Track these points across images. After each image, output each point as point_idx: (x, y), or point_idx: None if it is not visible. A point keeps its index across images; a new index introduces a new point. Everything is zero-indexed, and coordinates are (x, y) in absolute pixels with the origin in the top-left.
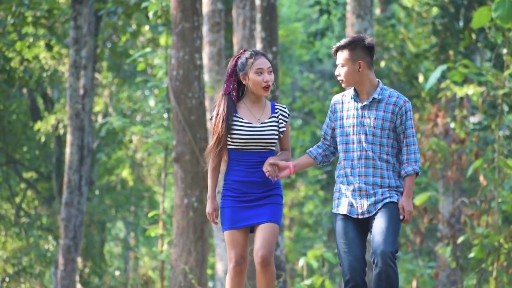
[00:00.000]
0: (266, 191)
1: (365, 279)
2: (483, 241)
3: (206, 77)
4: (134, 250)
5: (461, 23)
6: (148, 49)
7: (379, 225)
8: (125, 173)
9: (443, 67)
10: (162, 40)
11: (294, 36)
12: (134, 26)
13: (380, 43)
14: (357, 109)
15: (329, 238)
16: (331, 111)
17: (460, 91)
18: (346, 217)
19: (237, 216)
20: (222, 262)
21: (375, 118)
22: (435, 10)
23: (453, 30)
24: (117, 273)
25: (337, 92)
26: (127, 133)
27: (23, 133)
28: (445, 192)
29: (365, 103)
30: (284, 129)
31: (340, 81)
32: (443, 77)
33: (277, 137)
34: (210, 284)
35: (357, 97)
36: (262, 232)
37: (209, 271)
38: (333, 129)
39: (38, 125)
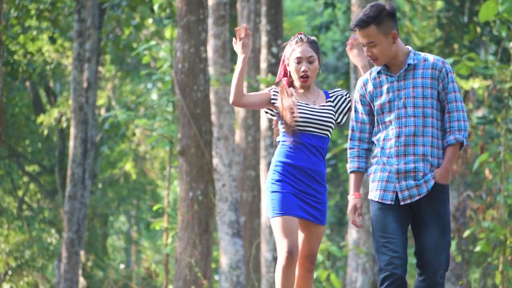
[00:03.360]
0: (319, 188)
1: (405, 276)
2: (489, 235)
3: (211, 70)
4: (138, 243)
5: (466, 17)
6: (153, 42)
7: (430, 236)
8: (128, 166)
9: (450, 60)
10: (167, 33)
11: (298, 30)
12: (137, 19)
13: None
14: (390, 82)
15: (332, 231)
16: (361, 95)
17: (466, 85)
18: (384, 205)
19: (294, 202)
20: (227, 255)
21: (413, 86)
22: (439, 4)
23: (458, 23)
24: (121, 266)
25: (342, 86)
26: (130, 127)
27: (26, 126)
28: (450, 186)
29: (399, 73)
30: (349, 104)
31: (374, 61)
32: None
33: (334, 121)
34: (216, 277)
35: (387, 70)
36: (314, 234)
37: (212, 265)
38: (369, 114)
39: (41, 118)
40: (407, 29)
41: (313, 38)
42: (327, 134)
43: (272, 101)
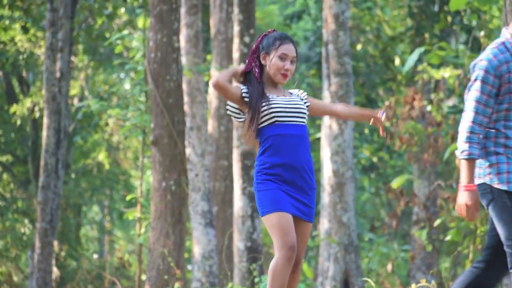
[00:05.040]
0: (307, 183)
1: None
2: (459, 224)
3: (183, 59)
4: (111, 233)
5: (436, 6)
6: (125, 32)
7: None
8: (101, 156)
9: (421, 49)
10: (140, 23)
11: (270, 19)
12: (110, 9)
13: (357, 25)
14: None
15: None
16: (495, 76)
17: (437, 74)
18: None
19: (285, 198)
20: (199, 245)
21: None
22: None
23: (429, 12)
24: (95, 256)
25: (314, 75)
26: (103, 116)
27: None
28: (420, 175)
29: None
30: (309, 103)
31: None
32: (418, 60)
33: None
34: (189, 267)
35: None
36: (301, 232)
37: (185, 255)
38: (495, 98)
39: (14, 108)
40: (378, 18)
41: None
42: (304, 122)
43: (244, 95)
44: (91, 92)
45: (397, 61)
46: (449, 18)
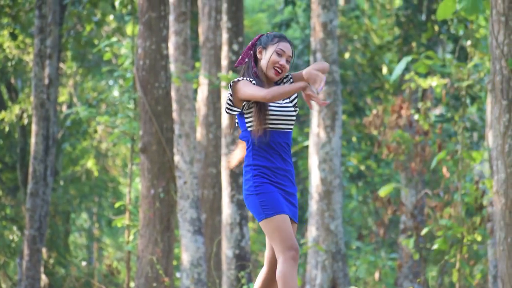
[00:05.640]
0: (293, 189)
1: None
2: (446, 233)
3: (172, 67)
4: (100, 240)
5: (424, 15)
6: (114, 39)
7: None
8: (90, 163)
9: (408, 58)
10: (129, 30)
11: (259, 27)
12: (98, 16)
13: (345, 34)
14: None
15: None
16: None
17: (424, 83)
18: None
19: (282, 201)
20: (188, 253)
21: None
22: (398, 2)
23: (416, 21)
24: (83, 263)
25: None
26: (92, 123)
27: None
28: (407, 183)
29: None
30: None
31: None
32: (406, 69)
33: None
34: (177, 274)
35: None
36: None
37: (174, 262)
38: None
39: (2, 115)
40: (366, 27)
41: None
42: (291, 129)
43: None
44: (80, 99)
45: (384, 70)
46: (436, 27)
